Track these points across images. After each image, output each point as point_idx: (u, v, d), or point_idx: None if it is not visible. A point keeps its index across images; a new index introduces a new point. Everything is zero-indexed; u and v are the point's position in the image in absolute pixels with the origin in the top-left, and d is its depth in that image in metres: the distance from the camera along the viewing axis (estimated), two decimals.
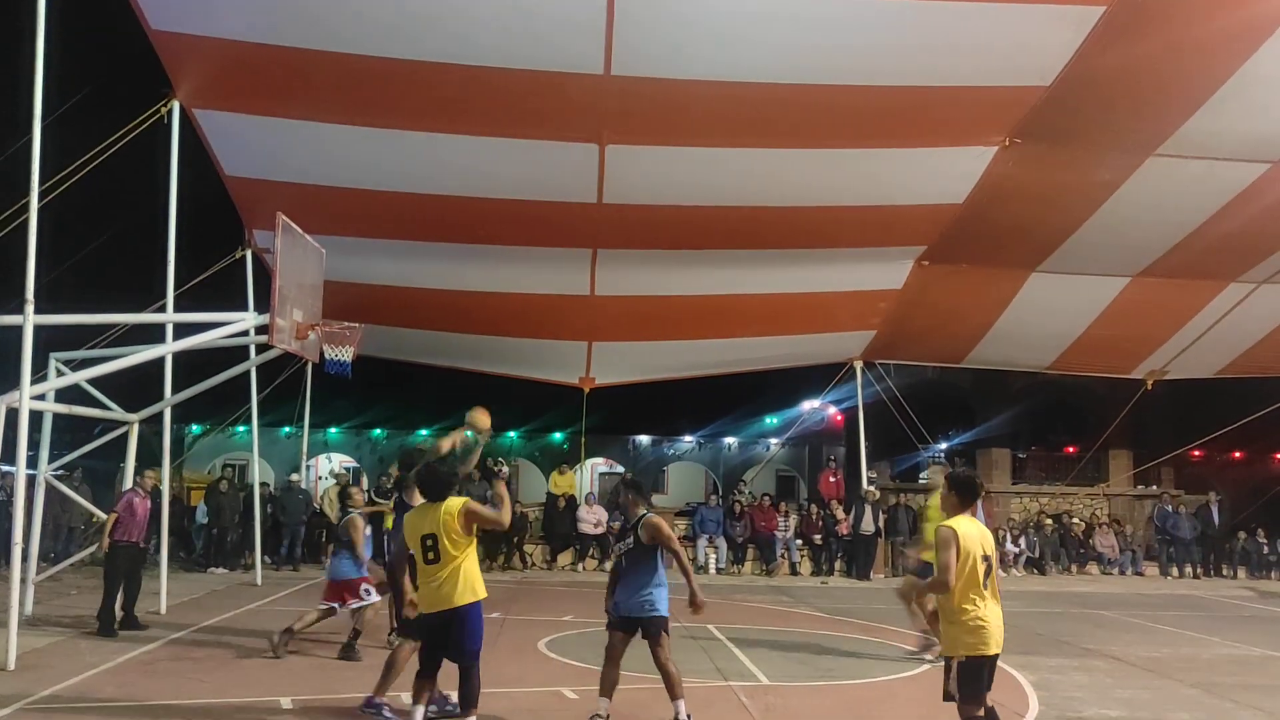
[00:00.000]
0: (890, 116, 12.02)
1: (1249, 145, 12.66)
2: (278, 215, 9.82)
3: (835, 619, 13.28)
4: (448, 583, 6.49)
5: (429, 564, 6.52)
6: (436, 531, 6.49)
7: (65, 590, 13.83)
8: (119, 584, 10.83)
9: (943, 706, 8.35)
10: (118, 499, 11.17)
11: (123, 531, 10.88)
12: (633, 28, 10.48)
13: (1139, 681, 9.53)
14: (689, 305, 16.74)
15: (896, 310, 17.31)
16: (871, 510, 19.05)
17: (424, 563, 6.55)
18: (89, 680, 8.50)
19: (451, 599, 6.47)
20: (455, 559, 6.50)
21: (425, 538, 6.52)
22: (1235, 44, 10.98)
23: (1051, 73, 11.26)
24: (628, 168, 12.85)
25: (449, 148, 12.50)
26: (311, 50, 10.88)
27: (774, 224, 14.25)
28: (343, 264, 13.07)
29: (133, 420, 12.23)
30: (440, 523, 6.50)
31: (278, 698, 7.96)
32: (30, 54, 8.98)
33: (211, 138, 12.61)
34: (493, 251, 14.92)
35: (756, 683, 9.05)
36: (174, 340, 11.27)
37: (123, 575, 10.86)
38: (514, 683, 8.77)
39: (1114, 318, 17.27)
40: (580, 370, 18.99)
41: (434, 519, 6.53)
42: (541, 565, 19.20)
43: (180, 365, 12.47)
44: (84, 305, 10.41)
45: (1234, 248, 15.10)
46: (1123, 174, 13.37)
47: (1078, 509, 23.76)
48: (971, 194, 13.68)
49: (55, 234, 10.90)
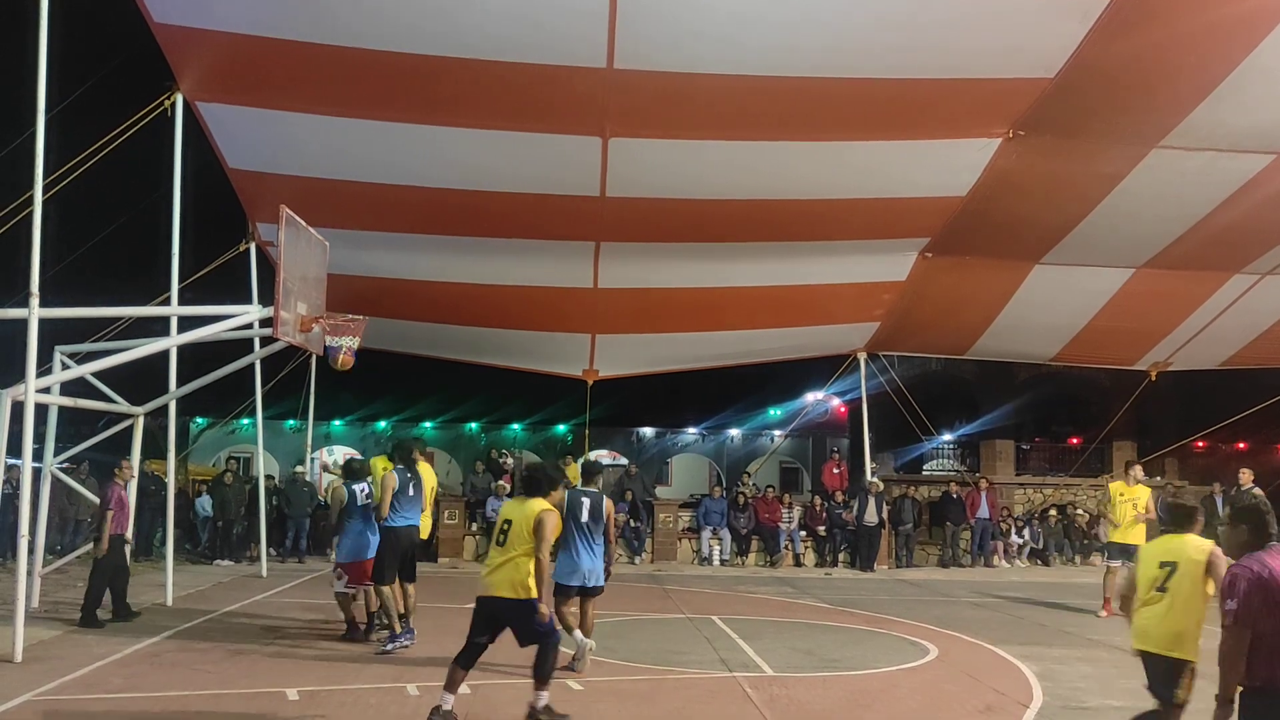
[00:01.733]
0: (894, 108, 12.00)
1: (1254, 136, 12.61)
2: (281, 208, 9.84)
3: (839, 610, 13.31)
4: (499, 571, 6.97)
5: (497, 546, 7.07)
6: (514, 520, 7.04)
7: (71, 583, 13.86)
8: (108, 578, 10.94)
9: (945, 697, 8.40)
10: (107, 494, 11.22)
11: (115, 525, 11.01)
12: (635, 21, 10.46)
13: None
14: (692, 298, 16.74)
15: (900, 302, 17.30)
16: (875, 502, 19.07)
17: (495, 544, 7.11)
18: (96, 672, 8.54)
19: (498, 587, 6.94)
20: (514, 553, 6.95)
21: (504, 522, 7.09)
22: (1240, 35, 10.93)
23: (1056, 64, 11.23)
24: (631, 161, 12.84)
25: (452, 141, 12.50)
26: (314, 44, 10.86)
27: (777, 216, 14.23)
28: (346, 257, 13.08)
29: (138, 413, 12.27)
30: (520, 515, 7.05)
31: (284, 689, 7.99)
32: (34, 48, 9.00)
33: (215, 131, 12.60)
34: (496, 245, 14.93)
35: (761, 674, 9.07)
36: (178, 333, 11.30)
37: (113, 568, 10.97)
38: (518, 674, 8.79)
39: (1118, 309, 17.24)
40: (584, 363, 18.99)
41: (519, 510, 7.11)
42: None
43: (185, 358, 12.52)
44: (89, 298, 10.42)
45: (1238, 239, 15.06)
46: (1127, 165, 13.33)
47: (1081, 500, 23.77)
48: (975, 186, 13.65)
49: (60, 227, 10.95)
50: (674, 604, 13.63)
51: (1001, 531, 20.63)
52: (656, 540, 19.67)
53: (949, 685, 8.85)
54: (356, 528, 10.12)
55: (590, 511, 8.98)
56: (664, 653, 9.94)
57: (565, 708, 7.61)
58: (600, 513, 9.04)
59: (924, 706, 8.12)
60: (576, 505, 8.94)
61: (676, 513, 20.38)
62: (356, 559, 10.06)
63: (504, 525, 7.07)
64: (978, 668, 9.61)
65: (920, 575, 18.50)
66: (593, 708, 7.72)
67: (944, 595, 15.38)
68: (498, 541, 7.07)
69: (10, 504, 14.86)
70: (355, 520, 10.13)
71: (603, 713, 7.59)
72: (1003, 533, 20.66)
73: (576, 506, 8.94)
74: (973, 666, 9.66)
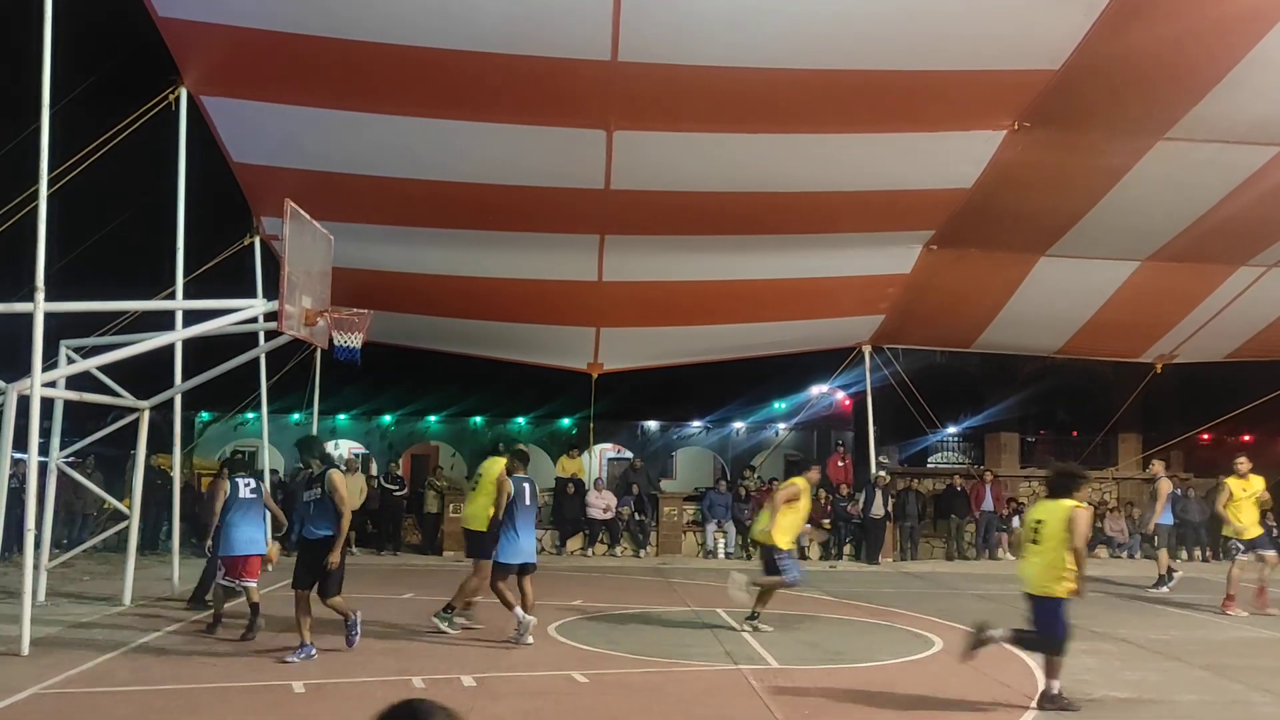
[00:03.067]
0: (898, 101, 11.98)
1: (1259, 128, 12.57)
2: (286, 202, 9.85)
3: (844, 603, 13.32)
4: (1033, 568, 7.66)
5: (1031, 544, 7.73)
6: (1045, 520, 7.63)
7: (77, 576, 13.93)
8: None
9: (950, 690, 8.41)
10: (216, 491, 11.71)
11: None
12: (640, 13, 10.44)
13: (1148, 664, 9.55)
14: (697, 291, 16.73)
15: (905, 295, 17.28)
16: (881, 494, 19.08)
17: (1029, 541, 7.80)
18: (102, 665, 8.57)
19: (1030, 583, 7.63)
20: (1047, 551, 7.53)
21: (1036, 521, 7.72)
22: (1246, 27, 10.89)
23: (1061, 56, 11.19)
24: (635, 154, 12.82)
25: (456, 134, 12.49)
26: (319, 37, 10.87)
27: (782, 209, 14.21)
28: (351, 250, 13.09)
29: (143, 407, 12.29)
30: (1051, 514, 7.61)
31: (289, 681, 8.02)
32: (38, 42, 9.00)
33: (219, 125, 12.60)
34: (500, 238, 14.92)
35: (766, 666, 9.08)
36: (184, 327, 11.31)
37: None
38: (524, 667, 8.83)
39: (1123, 302, 17.20)
40: (588, 356, 18.99)
41: (1049, 509, 7.69)
42: (551, 550, 19.26)
43: (190, 352, 12.53)
44: (94, 293, 10.44)
45: (1244, 231, 15.03)
46: (1132, 158, 13.29)
47: (1087, 493, 23.71)
48: (980, 178, 13.62)
49: (65, 222, 10.94)
50: (679, 597, 13.65)
51: (1006, 524, 20.61)
52: (661, 533, 19.70)
53: (953, 678, 8.84)
54: (235, 521, 10.15)
55: (530, 496, 10.05)
56: (669, 645, 9.96)
57: (571, 700, 7.64)
58: (536, 497, 10.29)
59: (928, 699, 8.13)
60: (521, 491, 9.89)
61: (681, 506, 20.41)
62: (235, 553, 10.09)
63: (1034, 525, 7.71)
64: (982, 660, 9.56)
65: (925, 568, 18.50)
66: (597, 700, 7.74)
67: (949, 588, 15.39)
68: (1032, 540, 7.70)
69: (17, 498, 14.91)
70: (235, 513, 10.17)
71: (610, 705, 7.61)
72: (1008, 526, 20.63)
73: (521, 492, 9.87)
74: (977, 659, 9.65)
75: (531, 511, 10.08)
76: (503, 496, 9.83)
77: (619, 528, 19.36)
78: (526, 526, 9.92)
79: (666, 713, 7.49)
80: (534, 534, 10.17)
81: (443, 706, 2.32)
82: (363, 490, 18.45)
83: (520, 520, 9.85)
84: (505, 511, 9.76)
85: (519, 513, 9.84)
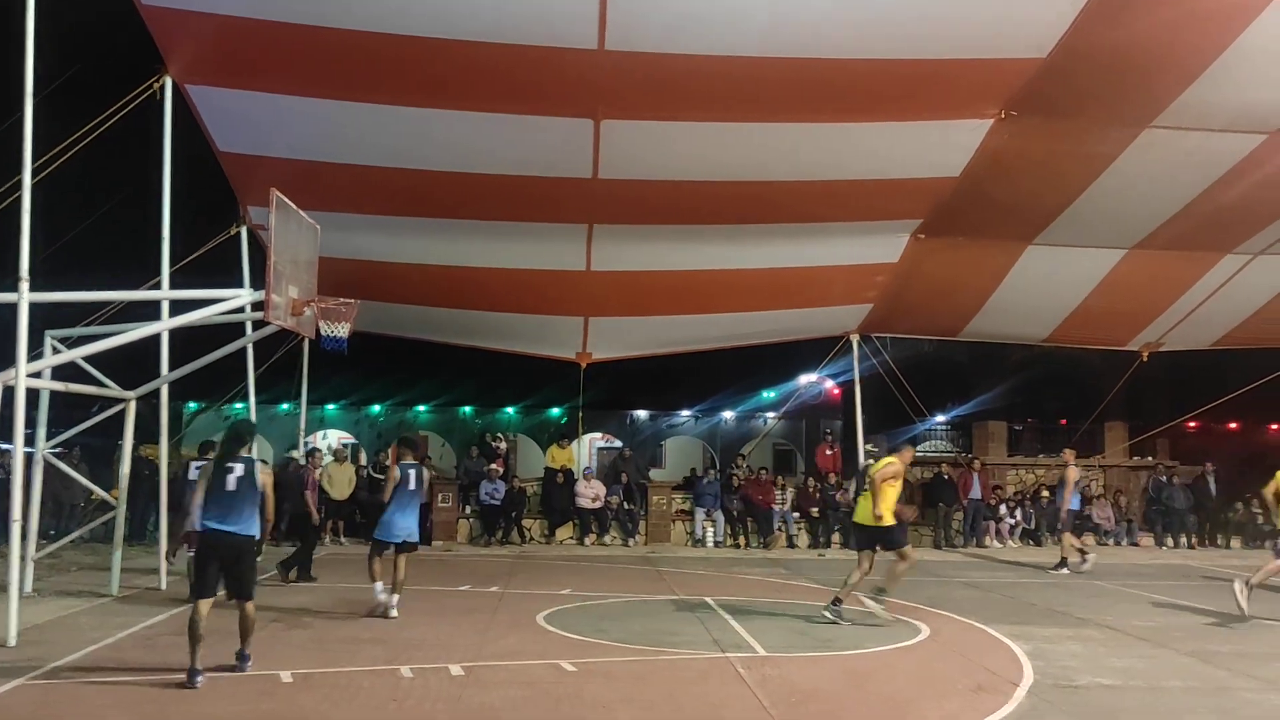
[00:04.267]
0: (885, 89, 11.97)
1: (1246, 116, 12.62)
2: (272, 191, 9.81)
3: (832, 591, 13.31)
4: None
5: None
6: None
7: (65, 567, 13.90)
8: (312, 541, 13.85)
9: (939, 676, 8.46)
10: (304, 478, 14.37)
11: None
12: (627, 2, 10.43)
13: (1134, 650, 9.61)
14: (685, 280, 16.72)
15: (893, 284, 17.30)
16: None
17: None
18: (90, 655, 8.57)
19: None
20: None
21: None
22: (1232, 15, 10.92)
23: (1048, 45, 11.21)
24: (622, 143, 12.81)
25: (443, 123, 12.45)
26: (304, 25, 10.81)
27: (770, 198, 14.21)
28: (338, 240, 13.05)
29: (130, 397, 12.24)
30: None
31: (277, 671, 8.02)
32: (21, 31, 8.94)
33: (205, 114, 12.53)
34: (488, 227, 14.89)
35: (753, 654, 9.11)
36: (170, 317, 11.26)
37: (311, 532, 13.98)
38: (512, 655, 8.84)
39: (1110, 290, 17.26)
40: (577, 346, 18.98)
41: None
42: (540, 540, 19.28)
43: (177, 342, 12.47)
44: (79, 283, 10.38)
45: (1230, 219, 15.09)
46: (1119, 146, 13.33)
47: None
48: (967, 167, 13.64)
49: (49, 212, 10.88)
50: (667, 586, 13.68)
51: (994, 512, 20.70)
52: (650, 522, 19.73)
53: (940, 664, 8.90)
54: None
55: (415, 481, 10.91)
56: (657, 634, 9.99)
57: (556, 689, 7.65)
58: (423, 482, 11.19)
59: (916, 685, 8.17)
60: (407, 476, 10.82)
61: (670, 495, 20.44)
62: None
63: None
64: (969, 647, 9.67)
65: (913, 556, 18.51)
66: (585, 688, 7.75)
67: (936, 576, 15.45)
68: None
69: (3, 489, 14.84)
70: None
71: (595, 693, 7.62)
72: (995, 513, 20.73)
73: (407, 477, 10.80)
74: (964, 646, 9.72)
75: (415, 496, 10.99)
76: (389, 482, 10.86)
77: (607, 517, 19.38)
78: (407, 509, 10.87)
79: (654, 701, 7.50)
80: (415, 516, 11.05)
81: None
82: (351, 480, 18.41)
83: (404, 503, 10.84)
84: (391, 494, 10.77)
85: (404, 496, 10.82)
